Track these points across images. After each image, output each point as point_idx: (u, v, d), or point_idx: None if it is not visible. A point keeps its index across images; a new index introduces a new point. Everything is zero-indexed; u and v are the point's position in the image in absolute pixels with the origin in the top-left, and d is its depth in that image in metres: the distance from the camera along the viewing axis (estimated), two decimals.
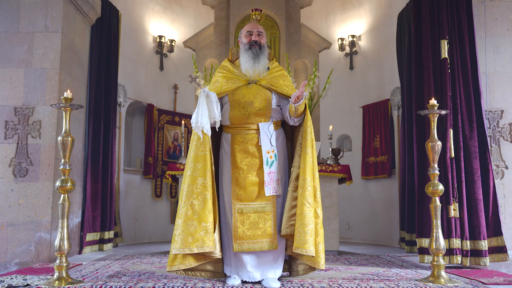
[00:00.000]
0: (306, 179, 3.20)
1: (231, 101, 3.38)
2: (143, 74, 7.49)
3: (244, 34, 3.48)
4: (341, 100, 7.88)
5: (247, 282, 3.31)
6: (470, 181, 4.49)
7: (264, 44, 3.46)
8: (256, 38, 3.42)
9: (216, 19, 7.53)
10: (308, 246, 3.09)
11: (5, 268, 4.53)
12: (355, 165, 7.18)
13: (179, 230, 3.15)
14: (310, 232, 3.11)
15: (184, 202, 3.19)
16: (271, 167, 3.32)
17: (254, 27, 3.48)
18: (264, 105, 3.38)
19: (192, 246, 3.09)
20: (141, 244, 6.89)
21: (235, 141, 3.39)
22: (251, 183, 3.32)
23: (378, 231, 7.06)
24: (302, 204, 3.17)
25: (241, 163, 3.34)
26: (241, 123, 3.39)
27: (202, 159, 3.23)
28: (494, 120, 4.88)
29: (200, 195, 3.17)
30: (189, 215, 3.15)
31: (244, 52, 3.43)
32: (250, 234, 3.26)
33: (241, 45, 3.50)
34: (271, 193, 3.31)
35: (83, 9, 5.33)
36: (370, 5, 7.65)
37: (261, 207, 3.31)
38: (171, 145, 7.76)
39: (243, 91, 3.38)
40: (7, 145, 4.74)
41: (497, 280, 3.49)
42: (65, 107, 3.38)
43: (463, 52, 4.74)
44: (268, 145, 3.34)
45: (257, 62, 3.38)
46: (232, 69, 3.50)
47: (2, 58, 4.83)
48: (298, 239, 3.11)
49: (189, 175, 3.23)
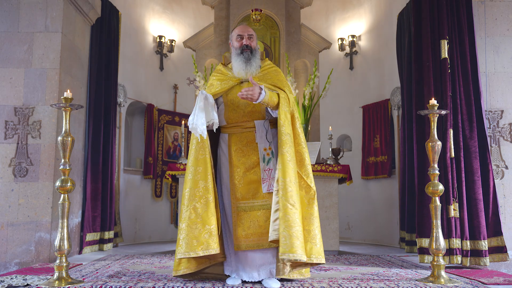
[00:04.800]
0: (285, 180, 3.05)
1: (225, 101, 3.40)
2: (143, 74, 7.49)
3: (235, 38, 3.46)
4: (341, 100, 7.88)
5: (247, 282, 3.31)
6: (470, 181, 4.49)
7: (255, 46, 3.46)
8: (247, 42, 3.41)
9: (216, 19, 7.53)
10: (295, 250, 2.91)
11: (5, 268, 4.53)
12: (355, 165, 7.18)
13: (183, 234, 3.14)
14: (295, 234, 2.95)
15: (187, 206, 3.19)
16: (268, 164, 3.31)
17: (244, 30, 3.46)
18: (258, 103, 3.32)
19: (197, 250, 3.09)
20: (141, 244, 6.89)
21: (232, 140, 3.40)
22: (249, 181, 3.32)
23: (378, 231, 7.06)
24: (283, 206, 3.00)
25: (238, 162, 3.35)
26: (237, 122, 3.40)
27: (203, 163, 3.24)
28: (494, 120, 4.88)
29: (202, 198, 3.18)
30: (192, 218, 3.15)
31: (236, 57, 3.43)
32: (250, 233, 3.26)
33: (233, 49, 3.49)
34: (268, 190, 3.28)
35: (83, 9, 5.33)
36: (370, 5, 7.65)
37: (259, 205, 3.31)
38: (171, 145, 7.76)
39: (237, 90, 3.38)
40: (7, 145, 4.74)
41: (497, 280, 3.49)
42: (65, 107, 3.38)
43: (463, 52, 4.74)
44: (264, 142, 3.34)
45: (249, 66, 3.39)
46: (226, 71, 3.53)
47: (2, 58, 4.83)
48: (284, 244, 2.93)
49: (191, 179, 3.23)
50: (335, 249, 5.46)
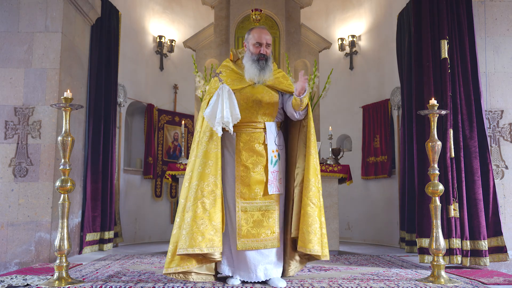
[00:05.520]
0: (310, 180, 3.26)
1: (238, 99, 3.34)
2: (143, 74, 7.49)
3: (253, 43, 3.42)
4: (341, 100, 7.88)
5: (247, 282, 3.31)
6: (470, 181, 4.49)
7: (270, 54, 3.46)
8: (264, 51, 3.39)
9: (216, 19, 7.51)
10: (312, 246, 3.14)
11: (5, 268, 4.53)
12: (355, 165, 7.18)
13: (187, 229, 3.08)
14: (314, 231, 3.17)
15: (194, 200, 3.12)
16: (274, 166, 3.36)
17: (263, 38, 3.41)
18: (271, 105, 3.41)
19: (202, 246, 3.05)
20: (141, 244, 6.89)
21: (241, 139, 3.38)
22: (255, 182, 3.32)
23: (378, 231, 7.06)
24: (306, 204, 3.22)
25: (246, 161, 3.34)
26: (249, 122, 3.39)
27: (214, 157, 3.21)
28: (494, 120, 4.88)
29: (211, 194, 3.15)
30: (199, 213, 3.10)
31: (251, 63, 3.40)
32: (254, 233, 3.26)
33: (248, 52, 3.46)
34: (274, 191, 3.33)
35: (83, 9, 5.33)
36: (370, 5, 7.65)
37: (265, 206, 3.32)
38: (171, 145, 7.76)
39: (251, 90, 3.39)
40: (7, 145, 4.74)
41: (497, 280, 3.49)
42: (65, 107, 3.38)
43: (463, 52, 4.74)
44: (273, 145, 3.38)
45: (262, 73, 3.39)
46: (236, 69, 3.50)
47: (2, 58, 4.83)
48: (303, 239, 3.18)
49: (200, 172, 3.17)
50: (335, 249, 5.46)
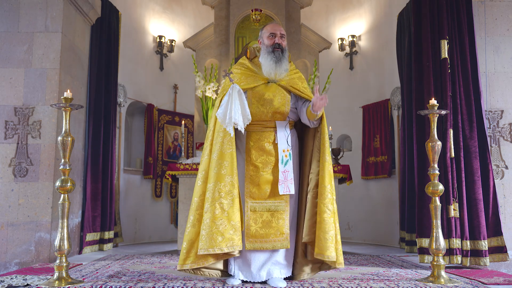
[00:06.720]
0: (326, 187, 3.22)
1: (250, 98, 3.34)
2: (143, 74, 7.49)
3: (267, 36, 3.42)
4: (341, 100, 7.87)
5: (247, 282, 3.30)
6: (470, 181, 4.49)
7: (285, 46, 3.44)
8: (279, 40, 3.39)
9: (216, 19, 7.51)
10: (330, 252, 3.11)
11: (5, 268, 4.53)
12: (355, 165, 7.18)
13: (206, 230, 3.07)
14: (331, 238, 3.13)
15: (212, 201, 3.11)
16: (285, 166, 3.32)
17: (277, 29, 3.43)
18: (283, 105, 3.38)
19: (222, 246, 3.04)
20: (141, 244, 6.89)
21: (251, 138, 3.36)
22: (265, 181, 3.30)
23: (378, 231, 7.06)
24: (322, 211, 3.18)
25: (256, 161, 3.32)
26: (259, 120, 3.37)
27: (230, 157, 3.18)
28: (494, 120, 4.88)
29: (229, 195, 3.13)
30: (217, 214, 3.08)
31: (267, 55, 3.39)
32: (263, 233, 3.24)
33: (263, 46, 3.45)
34: (285, 192, 3.29)
35: (83, 9, 5.33)
36: (370, 5, 7.65)
37: (274, 206, 3.30)
38: (171, 145, 7.76)
39: (263, 89, 3.37)
40: (7, 145, 4.74)
41: (497, 280, 3.49)
42: (65, 107, 3.38)
43: (463, 52, 4.74)
44: (284, 144, 3.35)
45: (279, 66, 3.37)
46: (251, 67, 3.48)
47: (2, 58, 4.83)
48: (320, 246, 3.13)
49: (216, 173, 3.16)
50: None
